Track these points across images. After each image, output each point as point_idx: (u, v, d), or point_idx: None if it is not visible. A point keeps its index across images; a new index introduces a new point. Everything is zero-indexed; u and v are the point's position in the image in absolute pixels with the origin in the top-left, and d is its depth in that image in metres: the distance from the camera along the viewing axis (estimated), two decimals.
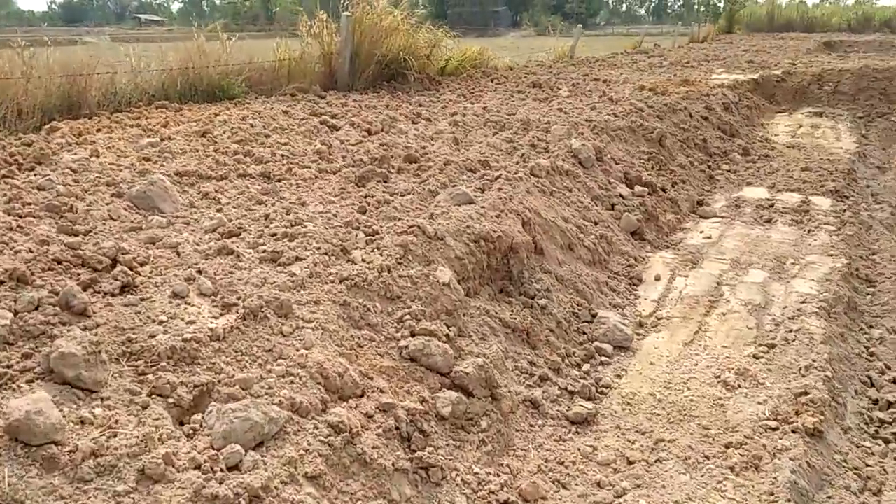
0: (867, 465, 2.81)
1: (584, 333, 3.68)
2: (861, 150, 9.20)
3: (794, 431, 2.83)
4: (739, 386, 3.23)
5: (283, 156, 4.96)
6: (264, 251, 3.07)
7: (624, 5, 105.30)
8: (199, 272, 2.81)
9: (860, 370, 3.66)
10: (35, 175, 3.86)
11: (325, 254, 3.10)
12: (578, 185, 5.07)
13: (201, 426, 2.03)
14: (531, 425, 2.89)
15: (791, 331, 3.75)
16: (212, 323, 2.44)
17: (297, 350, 2.43)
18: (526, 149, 5.62)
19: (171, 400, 2.07)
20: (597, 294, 4.01)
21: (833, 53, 22.23)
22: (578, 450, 2.77)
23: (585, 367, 3.40)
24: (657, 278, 4.53)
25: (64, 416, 1.85)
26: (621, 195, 5.35)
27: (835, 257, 4.92)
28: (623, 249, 4.76)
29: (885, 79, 11.63)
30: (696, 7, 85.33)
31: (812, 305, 4.04)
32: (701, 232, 5.57)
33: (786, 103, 11.92)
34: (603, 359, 3.49)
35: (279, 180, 4.40)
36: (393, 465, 2.20)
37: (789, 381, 3.24)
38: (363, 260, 3.12)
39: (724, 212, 6.10)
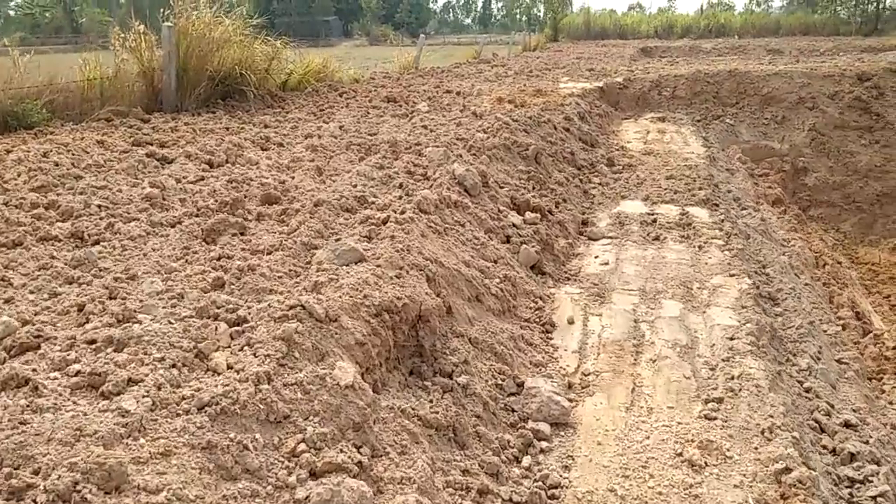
0: None
1: (514, 411, 3.01)
2: (710, 153, 9.48)
3: None
4: (706, 464, 2.71)
5: (100, 206, 3.84)
6: (77, 373, 2.08)
7: (451, 14, 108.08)
8: None
9: (805, 413, 3.33)
10: None
11: (173, 365, 2.17)
12: (470, 218, 4.43)
13: None
14: None
15: (732, 377, 3.34)
16: None
17: None
18: (403, 177, 4.89)
19: None
20: (516, 354, 3.36)
21: (652, 58, 23.80)
22: None
23: (526, 460, 2.74)
24: (570, 321, 3.99)
25: None
26: (514, 224, 4.79)
27: (737, 277, 4.68)
28: (527, 289, 4.18)
29: (716, 83, 12.26)
30: (518, 17, 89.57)
31: (741, 342, 3.67)
32: (596, 257, 5.15)
33: (630, 109, 12.20)
34: (543, 444, 2.84)
35: (97, 242, 3.33)
36: None
37: (757, 451, 2.78)
38: (229, 367, 2.23)
39: (611, 231, 5.76)
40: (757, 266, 5.27)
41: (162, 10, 8.74)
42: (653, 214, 6.18)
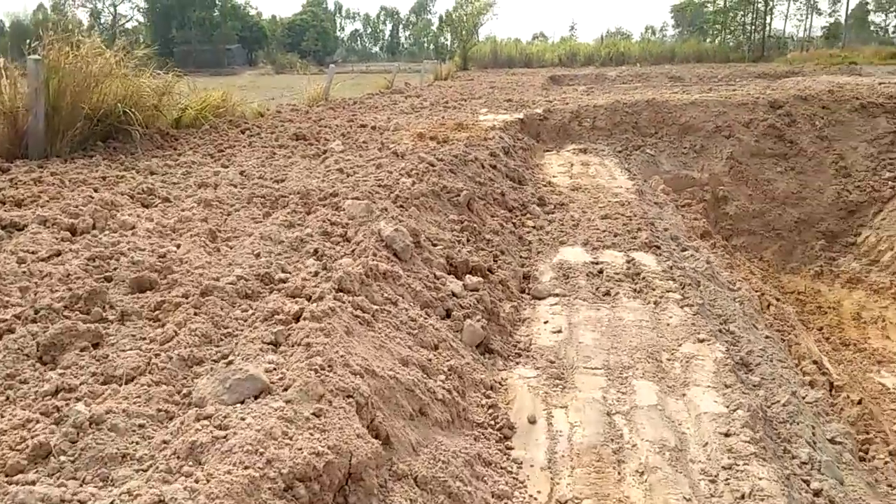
0: None
1: None
2: (637, 187, 9.13)
3: None
4: None
5: None
6: None
7: (359, 42, 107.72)
8: None
9: None
10: None
11: None
12: (403, 291, 3.65)
13: None
14: None
15: (742, 496, 2.69)
16: None
17: None
18: (318, 240, 4.06)
19: None
20: (474, 487, 2.59)
21: (562, 86, 23.98)
22: None
23: None
24: (532, 420, 3.26)
25: None
26: (454, 293, 4.04)
27: (707, 343, 4.11)
28: (476, 378, 3.43)
29: (634, 113, 12.09)
30: (426, 45, 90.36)
31: (739, 439, 3.05)
32: (546, 322, 4.48)
33: (551, 141, 11.82)
34: None
35: None
36: None
37: None
38: None
39: (556, 286, 5.12)
40: (719, 322, 4.75)
41: (28, 41, 7.56)
42: (597, 263, 5.60)
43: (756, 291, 7.39)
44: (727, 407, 3.34)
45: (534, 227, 6.73)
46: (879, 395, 6.91)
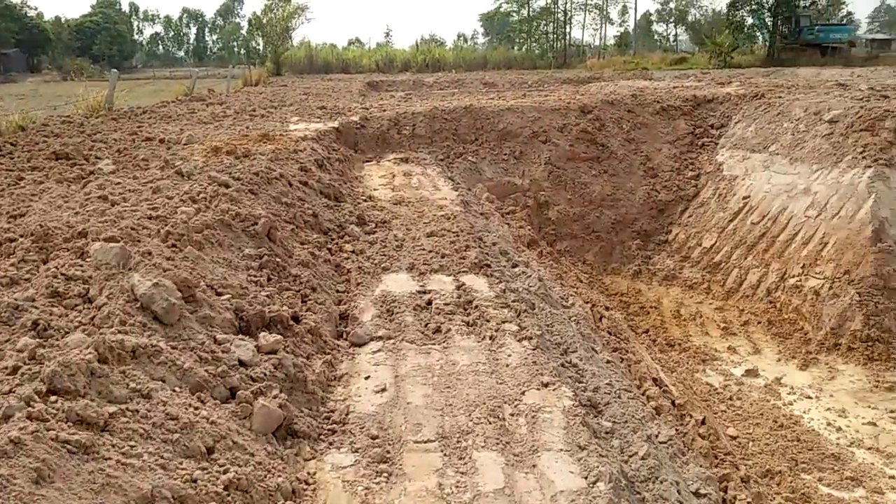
0: None
1: None
2: (462, 197, 8.67)
3: None
4: None
5: None
6: None
7: (161, 46, 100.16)
8: None
9: None
10: None
11: None
12: (164, 373, 2.65)
13: None
14: None
15: None
16: None
17: None
18: (42, 306, 2.93)
19: None
20: None
21: (380, 92, 23.45)
22: None
23: None
24: None
25: None
26: (242, 362, 3.10)
27: (552, 388, 3.55)
28: (270, 485, 2.54)
29: (453, 120, 11.72)
30: (236, 50, 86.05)
31: None
32: (367, 378, 3.68)
33: (370, 151, 11.09)
34: None
35: None
36: None
37: None
38: None
39: (380, 327, 4.34)
40: (560, 354, 4.25)
41: None
42: (425, 292, 4.92)
43: (587, 303, 7.16)
44: (585, 478, 2.75)
45: (353, 252, 5.92)
46: (709, 396, 6.97)
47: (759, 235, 9.95)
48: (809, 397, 6.93)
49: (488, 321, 4.40)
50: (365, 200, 8.02)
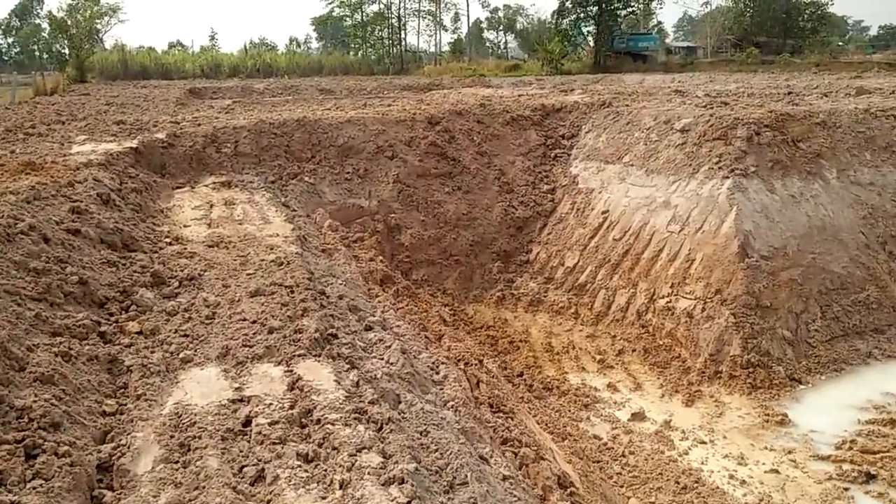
0: None
1: None
2: (297, 232, 7.14)
3: None
4: None
5: None
6: None
7: None
8: None
9: None
10: None
11: None
12: None
13: None
14: None
15: None
16: None
17: None
18: None
19: None
20: None
21: (204, 100, 20.96)
22: None
23: None
24: None
25: None
26: None
27: None
28: None
29: (285, 135, 10.09)
30: (38, 54, 76.64)
31: None
32: None
33: (182, 175, 9.16)
34: None
35: None
36: None
37: None
38: None
39: (163, 485, 2.78)
40: (444, 491, 2.95)
41: None
42: (242, 401, 3.42)
43: (457, 357, 5.94)
44: None
45: (140, 335, 4.24)
46: (600, 454, 6.03)
47: (622, 253, 9.35)
48: (703, 442, 6.23)
49: (336, 450, 3.00)
50: (170, 244, 6.26)
